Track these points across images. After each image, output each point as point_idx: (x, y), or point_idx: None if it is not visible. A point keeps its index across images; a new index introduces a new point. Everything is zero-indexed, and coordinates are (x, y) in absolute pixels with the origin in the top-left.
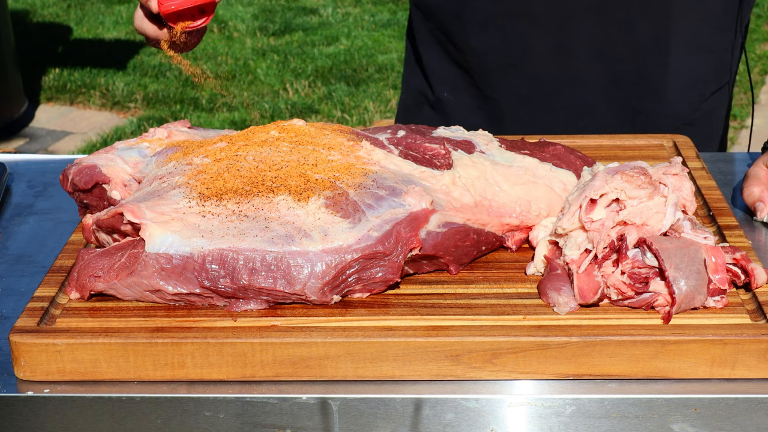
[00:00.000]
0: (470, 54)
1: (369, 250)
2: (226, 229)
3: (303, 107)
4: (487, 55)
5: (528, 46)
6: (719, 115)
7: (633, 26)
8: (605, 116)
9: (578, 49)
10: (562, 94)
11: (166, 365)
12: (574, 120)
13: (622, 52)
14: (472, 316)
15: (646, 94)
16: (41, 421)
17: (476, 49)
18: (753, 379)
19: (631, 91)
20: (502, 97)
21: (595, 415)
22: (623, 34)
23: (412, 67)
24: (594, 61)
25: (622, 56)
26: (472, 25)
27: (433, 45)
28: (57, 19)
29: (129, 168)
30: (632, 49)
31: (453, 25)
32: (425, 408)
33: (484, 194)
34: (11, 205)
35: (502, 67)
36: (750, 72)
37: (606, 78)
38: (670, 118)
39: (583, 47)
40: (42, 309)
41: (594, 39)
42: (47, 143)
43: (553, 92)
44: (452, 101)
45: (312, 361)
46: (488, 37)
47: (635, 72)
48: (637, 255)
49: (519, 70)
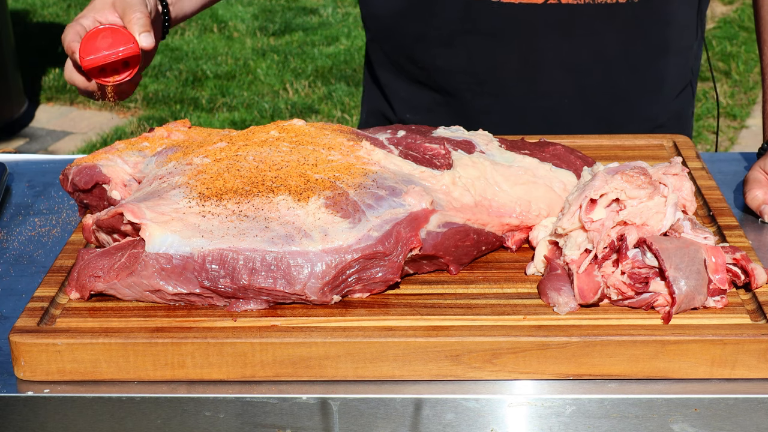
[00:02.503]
0: (436, 73)
1: (369, 250)
2: (226, 229)
3: (303, 107)
4: (454, 74)
5: (495, 63)
6: (687, 113)
7: (600, 38)
8: (578, 127)
9: (546, 64)
10: (532, 108)
11: (166, 365)
12: (546, 133)
13: (590, 64)
14: (472, 316)
15: (617, 103)
16: (41, 421)
17: (443, 68)
18: (753, 379)
19: (601, 101)
20: (472, 114)
21: (595, 415)
22: (590, 47)
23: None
24: (562, 74)
25: (590, 68)
26: (436, 44)
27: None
28: (57, 19)
29: (129, 168)
30: (600, 60)
31: (416, 46)
32: (425, 408)
33: (484, 194)
34: (11, 205)
35: (469, 85)
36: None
37: (575, 90)
38: (642, 123)
39: (550, 61)
40: (42, 309)
41: (561, 53)
42: (47, 143)
43: (524, 107)
44: (416, 121)
45: (312, 361)
46: (454, 55)
47: (604, 82)
48: (637, 255)
49: (487, 87)
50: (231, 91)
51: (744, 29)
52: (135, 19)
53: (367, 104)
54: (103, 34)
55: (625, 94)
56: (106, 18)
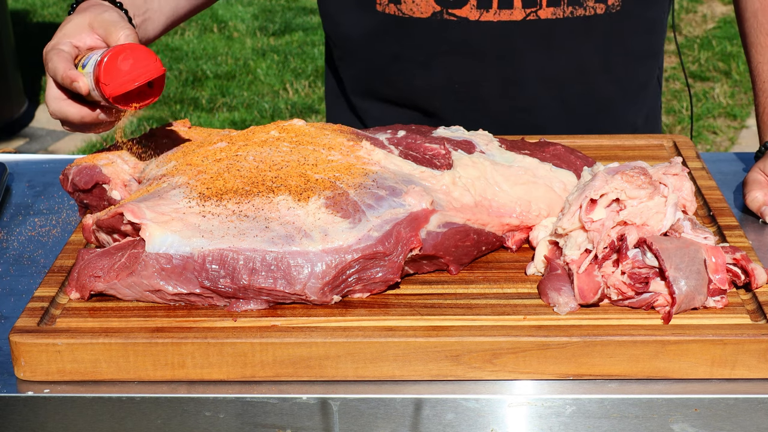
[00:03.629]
0: (414, 93)
1: (369, 250)
2: (226, 229)
3: (303, 107)
4: (434, 93)
5: (475, 81)
6: (656, 113)
7: (580, 50)
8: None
9: (526, 79)
10: (515, 122)
11: (166, 365)
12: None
13: (570, 76)
14: (472, 316)
15: (599, 111)
16: (41, 421)
17: (421, 87)
18: (753, 379)
19: (583, 110)
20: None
21: (595, 415)
22: (570, 59)
23: (336, 107)
24: (543, 87)
25: (571, 79)
26: (414, 65)
27: (361, 86)
28: (57, 19)
29: (129, 168)
30: (580, 71)
31: (391, 67)
32: (425, 408)
33: (484, 194)
34: (11, 205)
35: (450, 103)
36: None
37: (557, 102)
38: (624, 128)
39: (531, 76)
40: (42, 309)
41: (541, 67)
42: (47, 143)
43: (506, 121)
44: None
45: (312, 361)
46: (433, 75)
47: (586, 92)
48: (637, 255)
49: (469, 104)
50: (231, 91)
51: None
52: (124, 38)
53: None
54: (122, 56)
55: (608, 102)
56: (85, 42)
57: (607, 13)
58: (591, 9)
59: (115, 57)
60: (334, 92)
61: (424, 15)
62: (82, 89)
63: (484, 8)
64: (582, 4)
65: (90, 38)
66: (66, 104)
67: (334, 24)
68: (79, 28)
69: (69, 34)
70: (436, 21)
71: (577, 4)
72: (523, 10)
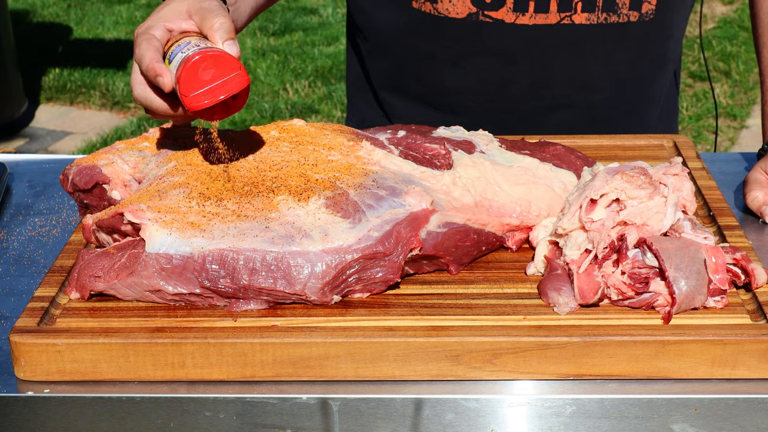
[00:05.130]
0: (443, 92)
1: (369, 250)
2: (226, 229)
3: (303, 107)
4: (464, 92)
5: (506, 82)
6: (674, 114)
7: (611, 55)
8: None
9: (555, 81)
10: (539, 121)
11: (166, 365)
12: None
13: (600, 82)
14: (472, 317)
15: (626, 116)
16: (41, 421)
17: (451, 87)
18: (753, 379)
19: (611, 115)
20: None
21: (595, 415)
22: (600, 65)
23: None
24: (571, 90)
25: (600, 85)
26: (446, 64)
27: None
28: (57, 19)
29: (129, 168)
30: (609, 77)
31: (422, 64)
32: (425, 408)
33: (484, 194)
34: (11, 205)
35: (479, 103)
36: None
37: (584, 104)
38: (644, 130)
39: (560, 79)
40: (42, 309)
41: (571, 71)
42: (47, 143)
43: (531, 120)
44: None
45: (312, 361)
46: (463, 75)
47: (614, 97)
48: (637, 255)
49: (496, 105)
50: None
51: (744, 29)
52: (218, 25)
53: (357, 116)
54: (204, 65)
55: (633, 108)
56: (179, 26)
57: (640, 20)
58: (625, 16)
59: (196, 66)
60: (358, 84)
61: (460, 15)
62: (165, 86)
63: (521, 11)
64: (616, 11)
65: (186, 23)
66: (150, 92)
67: (366, 17)
68: (176, 13)
69: (165, 17)
70: (472, 22)
71: (611, 11)
72: (558, 14)
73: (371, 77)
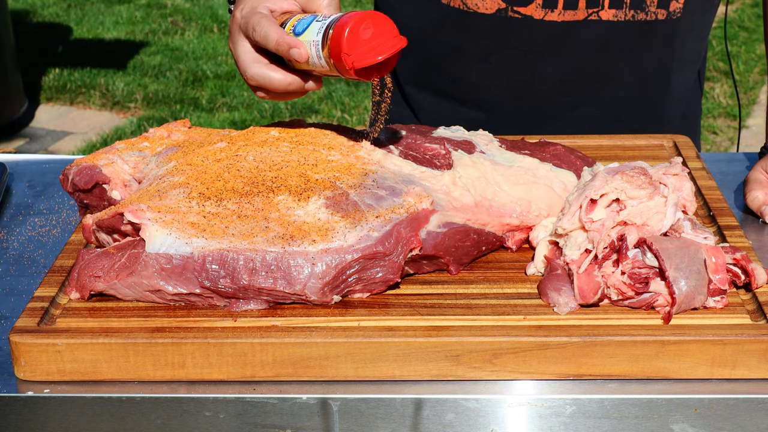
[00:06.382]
0: (470, 88)
1: (369, 251)
2: (226, 229)
3: (303, 107)
4: (490, 88)
5: (532, 78)
6: (697, 114)
7: (638, 53)
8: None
9: (581, 78)
10: (563, 117)
11: (166, 365)
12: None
13: (626, 79)
14: (472, 317)
15: (647, 115)
16: (41, 421)
17: (478, 83)
18: (753, 379)
19: (632, 112)
20: (502, 125)
21: (595, 415)
22: (627, 63)
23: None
24: (597, 87)
25: (626, 83)
26: (474, 59)
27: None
28: (57, 19)
29: (129, 168)
30: (636, 75)
31: (449, 59)
32: (425, 408)
33: (484, 194)
34: (11, 205)
35: (506, 99)
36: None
37: (608, 102)
38: (667, 130)
39: (586, 75)
40: (42, 309)
41: (598, 68)
42: (47, 143)
43: (555, 116)
44: None
45: (312, 361)
46: (491, 71)
47: (638, 96)
48: (637, 255)
49: (523, 101)
50: (231, 91)
51: (744, 29)
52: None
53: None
54: (364, 25)
55: (657, 107)
56: (281, 7)
57: (667, 18)
58: (652, 14)
59: (357, 26)
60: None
61: (489, 11)
62: (302, 56)
63: (550, 8)
64: (644, 9)
65: (287, 3)
66: (270, 69)
67: (393, 11)
68: None
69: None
70: (500, 17)
71: (639, 9)
72: (585, 11)
73: (398, 73)
